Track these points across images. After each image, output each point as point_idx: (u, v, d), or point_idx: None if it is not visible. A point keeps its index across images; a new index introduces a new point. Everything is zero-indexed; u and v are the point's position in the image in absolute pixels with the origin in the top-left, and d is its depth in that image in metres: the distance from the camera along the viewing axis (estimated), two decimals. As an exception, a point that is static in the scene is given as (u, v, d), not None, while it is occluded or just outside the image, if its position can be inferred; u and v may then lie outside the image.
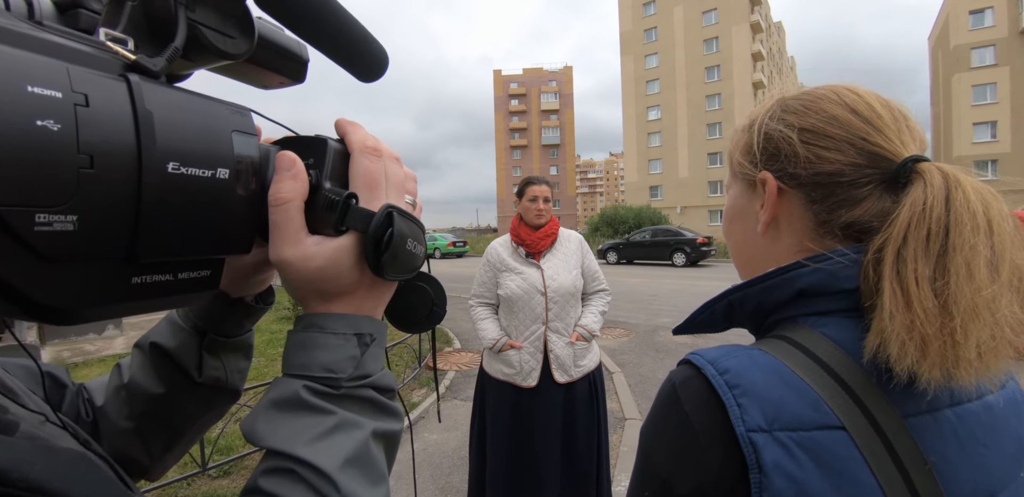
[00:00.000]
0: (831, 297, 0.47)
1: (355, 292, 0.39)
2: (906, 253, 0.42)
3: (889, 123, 0.49)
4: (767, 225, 0.55)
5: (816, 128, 0.51)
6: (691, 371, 0.46)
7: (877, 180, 0.48)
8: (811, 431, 0.41)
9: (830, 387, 0.43)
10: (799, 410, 0.41)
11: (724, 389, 0.43)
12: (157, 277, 0.29)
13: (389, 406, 0.38)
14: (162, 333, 0.50)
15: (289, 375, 0.36)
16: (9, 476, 0.23)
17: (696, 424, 0.44)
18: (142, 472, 0.52)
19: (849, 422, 0.41)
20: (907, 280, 0.41)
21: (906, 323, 0.40)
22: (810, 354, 0.45)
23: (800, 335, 0.47)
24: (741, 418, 0.41)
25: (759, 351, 0.46)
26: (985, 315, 0.40)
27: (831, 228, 0.50)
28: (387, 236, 0.36)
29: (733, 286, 0.53)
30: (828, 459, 0.40)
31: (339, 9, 0.38)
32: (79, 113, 0.24)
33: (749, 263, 0.60)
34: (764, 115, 0.56)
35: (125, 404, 0.50)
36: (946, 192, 0.43)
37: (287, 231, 0.35)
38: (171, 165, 0.27)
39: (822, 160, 0.50)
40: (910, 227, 0.42)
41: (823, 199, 0.50)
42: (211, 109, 0.31)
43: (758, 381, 0.43)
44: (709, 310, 0.55)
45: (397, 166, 0.41)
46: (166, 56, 0.30)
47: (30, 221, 0.22)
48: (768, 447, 0.40)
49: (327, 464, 0.32)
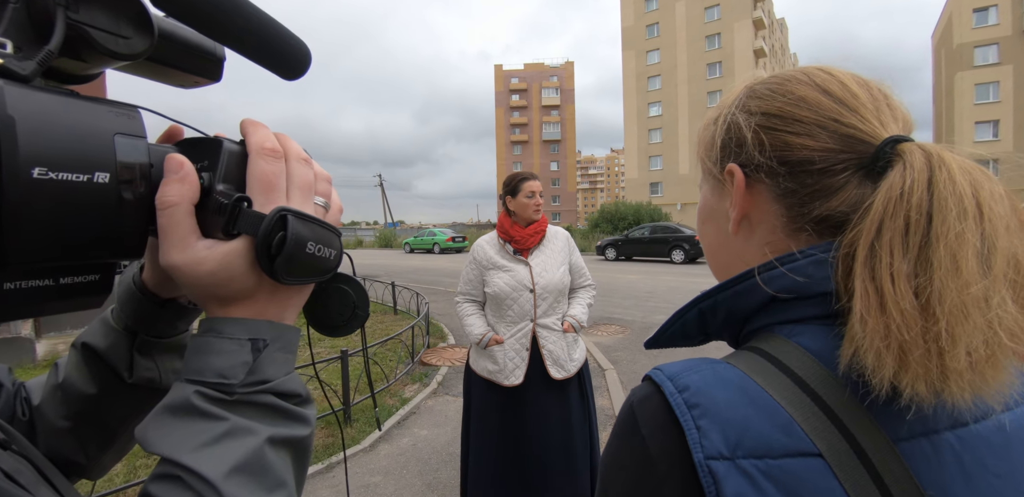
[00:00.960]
0: (807, 302, 0.41)
1: (254, 296, 0.38)
2: (880, 246, 0.36)
3: (866, 102, 0.44)
4: (738, 223, 0.49)
5: (782, 112, 0.45)
6: (650, 388, 0.41)
7: (854, 166, 0.42)
8: (780, 459, 0.35)
9: (805, 406, 0.36)
10: (767, 433, 0.36)
11: (682, 409, 0.37)
12: (34, 282, 0.29)
13: (293, 412, 0.37)
14: (94, 333, 0.49)
15: (185, 380, 0.36)
16: None
17: (653, 450, 0.38)
18: (80, 472, 0.52)
19: (827, 448, 0.35)
20: (881, 278, 0.35)
21: (880, 328, 0.34)
22: (783, 367, 0.39)
23: (773, 346, 0.41)
24: (700, 443, 0.36)
25: (726, 365, 0.41)
26: (975, 316, 0.33)
27: (803, 223, 0.44)
28: (278, 240, 0.35)
29: (703, 292, 0.47)
30: (801, 492, 0.34)
31: (247, 7, 0.37)
32: None
33: (724, 267, 0.54)
34: (731, 105, 0.51)
35: (61, 404, 0.50)
36: (928, 173, 0.36)
37: (175, 235, 0.35)
38: (36, 171, 0.27)
39: (790, 147, 0.44)
40: (885, 216, 0.36)
41: (794, 191, 0.44)
42: (90, 113, 0.30)
43: (720, 399, 0.37)
44: (680, 320, 0.49)
45: (305, 167, 0.40)
46: (37, 59, 0.29)
47: None
48: (730, 478, 0.35)
49: (211, 472, 0.32)
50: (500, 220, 2.27)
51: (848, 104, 0.43)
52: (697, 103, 40.55)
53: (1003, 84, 30.91)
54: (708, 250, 0.57)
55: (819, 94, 0.45)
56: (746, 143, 0.47)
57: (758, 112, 0.47)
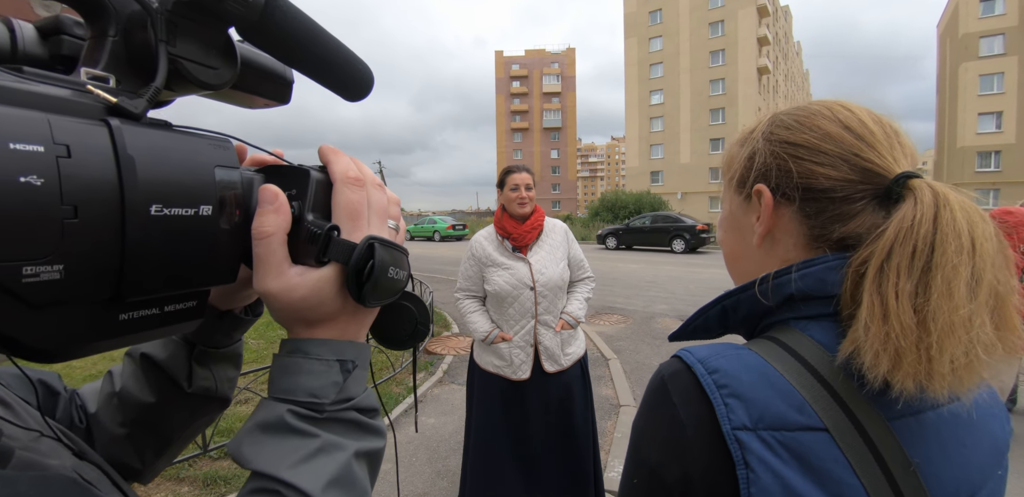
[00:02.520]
0: (819, 301, 0.48)
1: (338, 318, 0.39)
2: (889, 267, 0.43)
3: (881, 139, 0.50)
4: (763, 237, 0.56)
5: (809, 144, 0.52)
6: (681, 367, 0.48)
7: (870, 196, 0.49)
8: (794, 431, 0.42)
9: (815, 389, 0.44)
10: (783, 412, 0.43)
11: (712, 388, 0.44)
12: (144, 312, 0.30)
13: (371, 425, 0.39)
14: (153, 344, 0.50)
15: (275, 398, 0.37)
16: None
17: (684, 416, 0.45)
18: (135, 476, 0.53)
19: (832, 424, 0.43)
20: (887, 294, 0.42)
21: (880, 335, 0.41)
22: (797, 356, 0.46)
23: (789, 337, 0.48)
24: (727, 417, 0.43)
25: (748, 351, 0.48)
26: (960, 333, 0.41)
27: (824, 242, 0.51)
28: (368, 267, 0.37)
29: (726, 292, 0.55)
30: (811, 459, 0.42)
31: (324, 36, 0.38)
32: (61, 165, 0.24)
33: (744, 274, 0.61)
34: (758, 130, 0.57)
35: (117, 411, 0.51)
36: (935, 210, 0.44)
37: (270, 264, 0.36)
38: (154, 207, 0.28)
39: (816, 176, 0.50)
40: (896, 242, 0.43)
41: (817, 214, 0.51)
42: (193, 146, 0.31)
43: (745, 382, 0.45)
44: (703, 316, 0.56)
45: (380, 193, 0.42)
46: (147, 97, 0.30)
47: (18, 274, 0.23)
48: (753, 443, 0.42)
49: (311, 486, 0.33)
50: (496, 215, 2.25)
51: (867, 140, 0.50)
52: (699, 91, 40.19)
53: (1008, 75, 30.65)
54: (729, 256, 0.64)
55: (841, 130, 0.51)
56: (775, 168, 0.53)
57: (786, 141, 0.53)
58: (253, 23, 0.33)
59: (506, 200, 2.19)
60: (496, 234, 2.21)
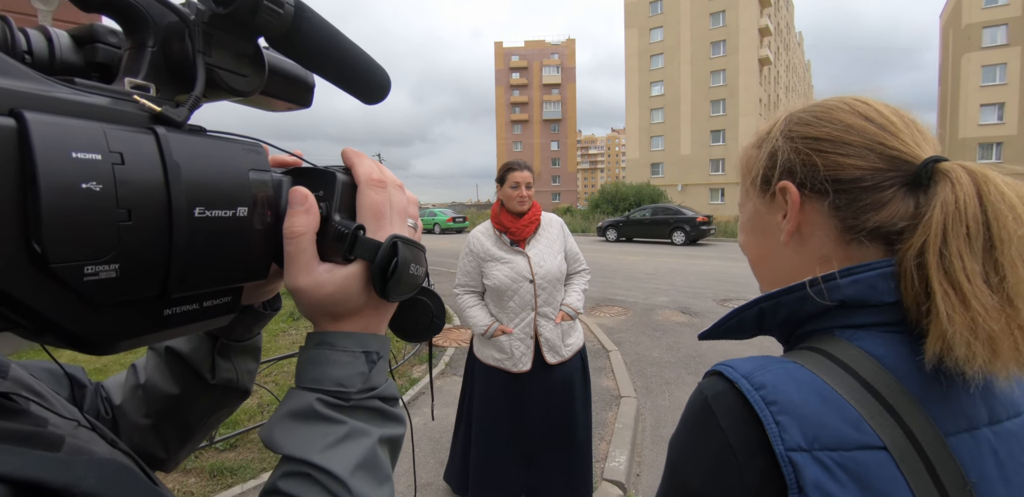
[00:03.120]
0: (870, 310, 0.46)
1: (362, 312, 0.41)
2: (949, 252, 0.41)
3: (902, 128, 0.50)
4: (791, 234, 0.54)
5: (832, 137, 0.51)
6: (724, 385, 0.45)
7: (900, 183, 0.48)
8: (853, 451, 0.40)
9: (871, 405, 0.41)
10: (840, 429, 0.40)
11: (761, 406, 0.41)
12: (185, 307, 0.32)
13: (393, 413, 0.42)
14: (178, 338, 0.52)
15: (303, 388, 0.39)
16: (72, 491, 0.26)
17: (732, 441, 0.42)
18: (159, 465, 0.56)
19: (891, 442, 0.40)
20: (958, 278, 0.40)
21: (967, 322, 0.39)
22: (849, 369, 0.43)
23: (837, 349, 0.45)
24: (780, 437, 0.40)
25: (795, 365, 0.45)
26: None
27: (858, 233, 0.50)
28: (392, 264, 0.39)
29: (766, 293, 0.53)
30: (870, 480, 0.39)
31: (346, 44, 0.40)
32: (116, 172, 0.26)
33: (772, 274, 0.60)
34: (776, 130, 0.56)
35: (142, 403, 0.53)
36: (976, 188, 0.43)
37: (300, 261, 0.38)
38: (197, 210, 0.30)
39: (843, 167, 0.50)
40: (947, 226, 0.42)
41: (848, 205, 0.50)
42: (229, 152, 0.33)
43: (796, 398, 0.42)
44: (739, 316, 0.54)
45: (400, 193, 0.44)
46: (188, 105, 0.32)
47: (80, 273, 0.25)
48: (809, 467, 0.39)
49: (340, 469, 0.36)
50: (493, 210, 2.26)
51: (889, 130, 0.50)
52: (700, 82, 39.93)
53: (1010, 66, 30.46)
54: (756, 259, 0.63)
55: (862, 120, 0.51)
56: (799, 164, 0.53)
57: (808, 137, 0.53)
58: (282, 34, 0.35)
59: (505, 197, 2.20)
60: (494, 229, 2.23)
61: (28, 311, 0.25)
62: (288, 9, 0.34)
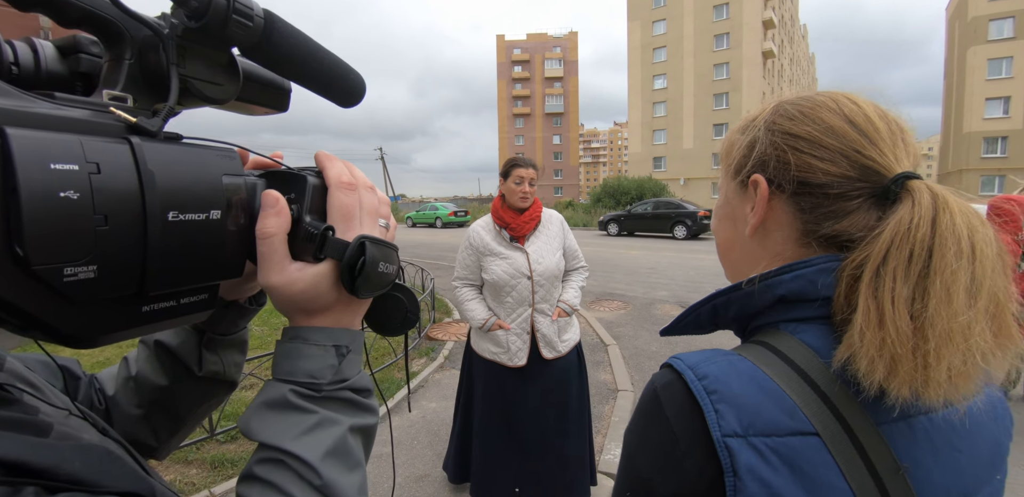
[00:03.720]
0: (811, 304, 0.48)
1: (334, 308, 0.43)
2: (885, 272, 0.42)
3: (885, 136, 0.49)
4: (755, 228, 0.55)
5: (811, 137, 0.50)
6: (672, 375, 0.47)
7: (867, 194, 0.48)
8: (785, 437, 0.42)
9: (806, 394, 0.43)
10: (774, 416, 0.42)
11: (702, 395, 0.44)
12: (163, 304, 0.34)
13: (365, 404, 0.44)
14: (166, 332, 0.55)
15: (278, 379, 0.41)
16: (56, 472, 0.28)
17: (676, 428, 0.45)
18: (151, 453, 0.58)
19: (823, 428, 0.42)
20: (883, 299, 0.41)
21: (876, 341, 0.41)
22: (788, 361, 0.45)
23: (779, 341, 0.48)
24: (718, 423, 0.42)
25: (739, 357, 0.47)
26: (959, 341, 0.40)
27: (812, 238, 0.50)
28: (360, 263, 0.41)
29: (718, 290, 0.54)
30: (801, 464, 0.41)
31: (318, 51, 0.41)
32: (93, 181, 0.28)
33: (734, 263, 0.61)
34: (761, 118, 0.55)
35: (134, 394, 0.55)
36: (933, 213, 0.43)
37: (272, 260, 0.40)
38: (171, 214, 0.32)
39: (814, 170, 0.49)
40: (892, 246, 0.42)
41: (812, 209, 0.50)
42: (203, 158, 0.35)
43: (735, 387, 0.44)
44: (695, 312, 0.56)
45: (371, 194, 0.45)
46: (162, 116, 0.33)
47: (60, 275, 0.27)
48: (743, 452, 0.41)
49: (311, 456, 0.38)
50: (494, 204, 2.27)
51: (870, 137, 0.48)
52: (703, 76, 39.68)
53: (1017, 59, 30.16)
54: (721, 246, 0.63)
55: (845, 124, 0.49)
56: (773, 159, 0.52)
57: (788, 132, 0.52)
58: (254, 44, 0.37)
59: (508, 191, 2.21)
60: (494, 224, 2.24)
61: (13, 309, 0.27)
62: (258, 21, 0.36)
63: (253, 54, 0.38)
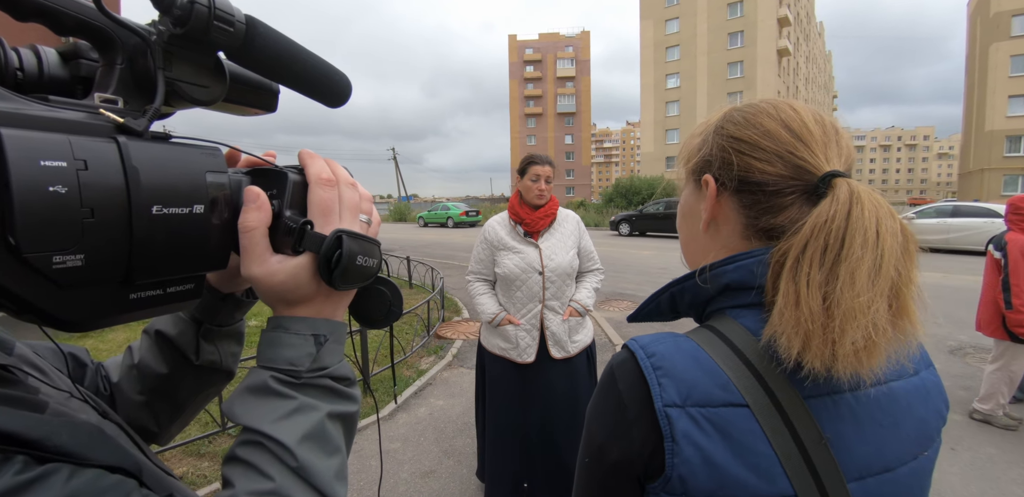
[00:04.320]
0: (750, 291, 0.53)
1: (314, 299, 0.45)
2: (804, 259, 0.47)
3: (818, 139, 0.54)
4: (707, 224, 0.60)
5: (751, 140, 0.55)
6: (626, 354, 0.53)
7: (800, 191, 0.53)
8: (718, 407, 0.47)
9: (739, 370, 0.49)
10: (709, 389, 0.48)
11: (649, 370, 0.50)
12: (150, 293, 0.36)
13: (344, 392, 0.46)
14: (166, 322, 0.58)
15: (261, 366, 0.44)
16: (44, 444, 0.30)
17: (626, 400, 0.50)
18: (152, 438, 0.61)
19: (752, 401, 0.47)
20: (800, 283, 0.46)
21: (793, 320, 0.46)
22: (727, 341, 0.51)
23: (723, 325, 0.53)
24: (660, 395, 0.48)
25: (684, 338, 0.53)
26: (860, 318, 0.45)
27: (753, 231, 0.56)
28: (336, 256, 0.43)
29: (673, 280, 0.60)
30: (731, 431, 0.47)
31: (301, 53, 0.44)
32: (81, 176, 0.30)
33: (693, 256, 0.67)
34: (712, 123, 0.61)
35: (136, 381, 0.58)
36: (848, 207, 0.47)
37: (254, 253, 0.42)
38: (155, 208, 0.34)
39: (753, 169, 0.55)
40: (812, 236, 0.47)
41: (752, 205, 0.55)
42: (187, 156, 0.37)
43: (677, 363, 0.50)
44: (655, 301, 0.62)
45: (352, 191, 0.47)
46: (148, 117, 0.36)
47: (49, 262, 0.29)
48: (680, 420, 0.47)
49: (288, 438, 0.40)
50: (511, 200, 2.30)
51: (804, 140, 0.53)
52: (717, 75, 39.32)
53: (1041, 54, 29.45)
54: (683, 241, 0.69)
55: (781, 128, 0.55)
56: (719, 160, 0.58)
57: (732, 136, 0.57)
58: (237, 48, 0.40)
59: (524, 189, 2.23)
60: (509, 219, 2.27)
61: (8, 293, 0.29)
62: (239, 26, 0.39)
63: (238, 57, 0.40)
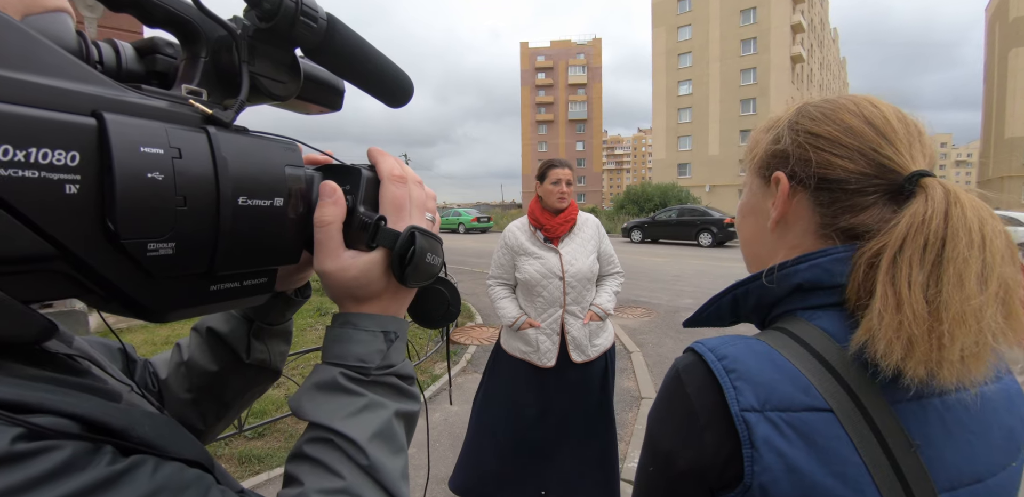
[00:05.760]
0: (825, 292, 0.51)
1: (382, 296, 0.45)
2: (901, 259, 0.45)
3: (902, 137, 0.52)
4: (776, 222, 0.58)
5: (831, 136, 0.53)
6: (693, 357, 0.50)
7: (883, 190, 0.51)
8: (800, 412, 0.45)
9: (821, 374, 0.46)
10: (789, 393, 0.45)
11: (722, 373, 0.47)
12: (229, 285, 0.37)
13: (409, 390, 0.45)
14: (218, 320, 0.58)
15: (328, 363, 0.43)
16: (129, 434, 0.29)
17: (696, 405, 0.48)
18: (198, 436, 0.60)
19: (837, 405, 0.45)
20: (900, 284, 0.44)
21: (894, 324, 0.43)
22: (803, 343, 0.48)
23: (796, 327, 0.51)
24: (736, 399, 0.45)
25: (756, 340, 0.51)
26: (971, 323, 0.42)
27: (831, 230, 0.53)
28: (410, 253, 0.43)
29: (736, 282, 0.57)
30: (815, 437, 0.44)
31: (373, 53, 0.44)
32: (175, 164, 0.31)
33: (756, 257, 0.64)
34: (785, 118, 0.59)
35: (184, 378, 0.58)
36: (946, 207, 0.46)
37: (328, 247, 0.42)
38: (241, 199, 0.35)
39: (833, 166, 0.53)
40: (908, 235, 0.45)
41: (830, 203, 0.53)
42: (269, 149, 0.38)
43: (752, 366, 0.47)
44: (716, 304, 0.59)
45: (419, 189, 0.48)
46: (235, 109, 0.36)
47: (144, 249, 0.30)
48: (760, 425, 0.44)
49: (359, 436, 0.39)
50: (531, 206, 2.31)
51: (887, 137, 0.52)
52: (729, 81, 39.20)
53: (1062, 61, 29.01)
54: (745, 241, 0.67)
55: (864, 124, 0.53)
56: (795, 156, 0.55)
57: (809, 131, 0.55)
58: (316, 45, 0.40)
59: (545, 193, 2.24)
60: (529, 224, 2.27)
61: (101, 279, 0.29)
62: (321, 23, 0.39)
63: (315, 54, 0.41)
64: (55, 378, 0.31)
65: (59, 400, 0.27)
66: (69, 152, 0.26)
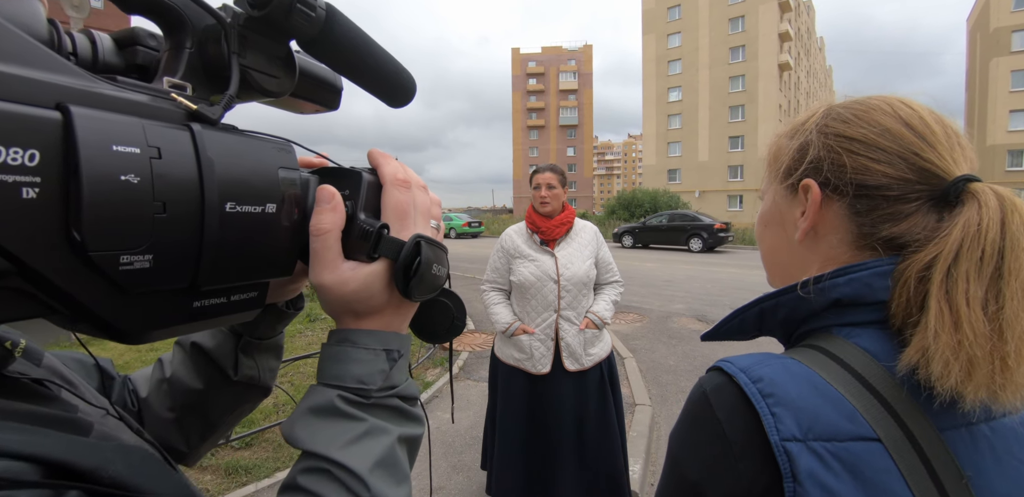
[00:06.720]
0: (866, 308, 0.47)
1: (384, 310, 0.41)
2: (957, 273, 0.41)
3: (942, 139, 0.48)
4: (806, 232, 0.54)
5: (867, 139, 0.49)
6: (722, 378, 0.46)
7: (926, 197, 0.47)
8: (846, 442, 0.40)
9: (865, 399, 0.42)
10: (834, 421, 0.41)
11: (758, 398, 0.42)
12: (214, 300, 0.33)
13: (412, 413, 0.42)
14: (203, 334, 0.53)
15: (324, 384, 0.39)
16: (99, 475, 0.26)
17: (729, 432, 0.43)
18: (180, 459, 0.56)
19: (885, 434, 0.41)
20: (957, 300, 0.40)
21: (952, 343, 0.40)
22: (845, 365, 0.44)
23: (834, 346, 0.46)
24: (776, 427, 0.41)
25: (793, 360, 0.46)
26: None
27: (871, 241, 0.49)
28: (415, 264, 0.39)
29: (765, 294, 0.53)
30: (863, 470, 0.40)
31: (375, 47, 0.40)
32: (154, 165, 0.27)
33: (782, 269, 0.60)
34: (810, 121, 0.54)
35: (167, 396, 0.54)
36: (1002, 215, 0.42)
37: (326, 258, 0.38)
38: (228, 205, 0.30)
39: (870, 172, 0.48)
40: (963, 247, 0.42)
41: (868, 211, 0.49)
42: (261, 150, 0.34)
43: (792, 390, 0.42)
44: (740, 317, 0.55)
45: (424, 194, 0.44)
46: (222, 104, 0.32)
47: (116, 262, 0.26)
48: (803, 456, 0.40)
49: (359, 466, 0.35)
50: (528, 210, 2.32)
51: (927, 140, 0.48)
52: (718, 88, 39.62)
53: (1041, 70, 29.65)
54: (768, 252, 0.62)
55: (901, 126, 0.49)
56: (827, 162, 0.51)
57: (842, 135, 0.51)
58: (314, 37, 0.36)
59: (533, 198, 2.27)
60: (526, 228, 2.28)
61: (66, 298, 0.25)
62: (320, 13, 0.35)
63: (312, 47, 0.37)
64: (14, 411, 0.27)
65: (15, 439, 0.24)
66: (27, 150, 0.23)
